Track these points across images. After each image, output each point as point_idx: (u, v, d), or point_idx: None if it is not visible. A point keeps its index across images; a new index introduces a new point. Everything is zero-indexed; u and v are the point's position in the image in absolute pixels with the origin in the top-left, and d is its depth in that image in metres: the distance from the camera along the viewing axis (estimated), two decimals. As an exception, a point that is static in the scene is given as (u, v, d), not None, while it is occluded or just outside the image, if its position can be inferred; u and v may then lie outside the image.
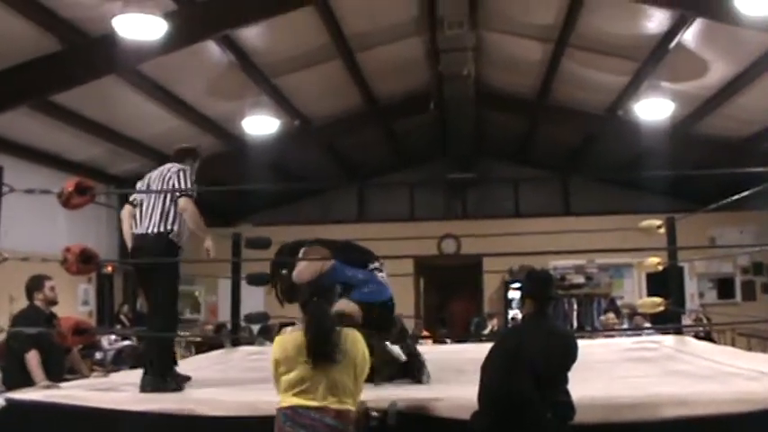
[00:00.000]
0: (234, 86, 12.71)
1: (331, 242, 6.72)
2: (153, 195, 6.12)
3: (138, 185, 6.36)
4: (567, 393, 4.33)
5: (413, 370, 6.26)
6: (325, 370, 4.30)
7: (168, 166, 6.32)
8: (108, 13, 9.15)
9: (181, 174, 6.16)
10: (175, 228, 6.06)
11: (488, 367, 4.48)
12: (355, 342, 4.47)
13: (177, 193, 6.05)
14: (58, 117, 11.88)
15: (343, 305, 6.11)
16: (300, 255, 6.52)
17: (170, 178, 6.14)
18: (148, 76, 11.61)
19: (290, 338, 4.44)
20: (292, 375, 4.33)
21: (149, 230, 6.03)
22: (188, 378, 6.15)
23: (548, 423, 4.21)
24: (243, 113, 13.33)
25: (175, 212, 6.06)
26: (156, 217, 6.03)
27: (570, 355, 4.42)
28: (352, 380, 4.37)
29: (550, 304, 4.75)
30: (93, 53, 10.31)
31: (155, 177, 6.25)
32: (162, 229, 6.01)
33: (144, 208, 6.13)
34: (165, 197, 6.09)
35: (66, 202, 5.96)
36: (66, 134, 12.55)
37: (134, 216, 6.21)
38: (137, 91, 11.79)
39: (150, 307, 6.33)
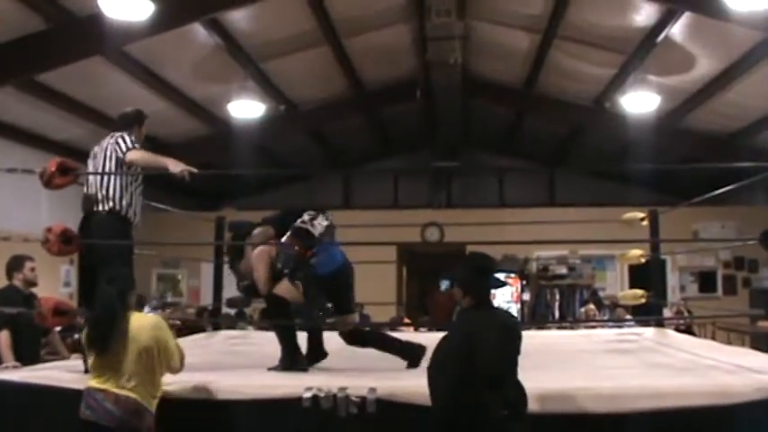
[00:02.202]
0: (220, 70, 12.67)
1: (275, 218, 6.47)
2: (99, 170, 5.84)
3: (89, 162, 6.06)
4: (518, 385, 4.15)
5: (412, 355, 6.17)
6: (111, 355, 4.43)
7: (108, 137, 6.00)
8: (94, -8, 9.09)
9: (119, 140, 5.86)
10: (124, 203, 5.79)
11: (437, 371, 4.21)
12: (143, 329, 4.53)
13: (122, 156, 5.79)
14: (43, 96, 11.79)
15: (280, 288, 6.07)
16: (251, 238, 6.33)
17: (110, 152, 5.85)
18: (134, 57, 11.55)
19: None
20: (91, 360, 4.55)
21: (99, 208, 5.78)
22: None
23: (500, 423, 4.00)
24: (229, 97, 13.28)
25: (126, 185, 5.80)
26: (106, 192, 5.78)
27: (520, 345, 4.22)
28: (140, 367, 4.46)
29: (491, 293, 4.41)
30: (79, 33, 10.22)
31: (98, 152, 5.95)
32: (112, 206, 5.76)
33: (90, 184, 5.88)
34: (110, 169, 5.80)
35: (48, 182, 5.88)
36: (51, 114, 12.46)
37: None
38: (122, 72, 11.71)
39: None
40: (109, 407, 4.38)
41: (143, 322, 4.57)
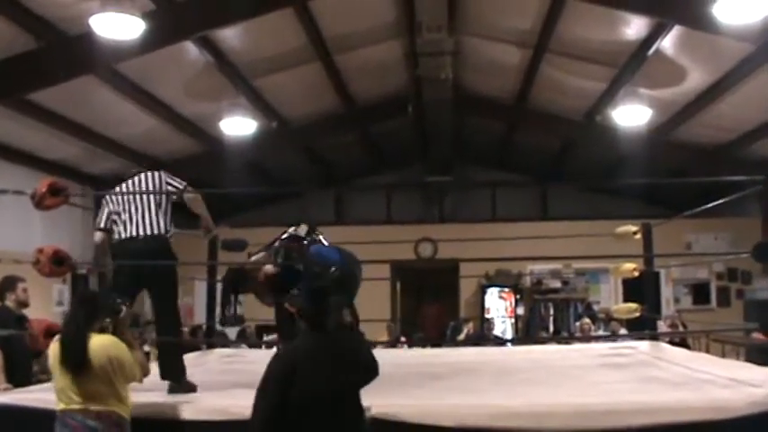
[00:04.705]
0: (212, 87, 12.65)
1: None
2: (143, 200, 6.02)
3: (120, 197, 6.17)
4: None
5: None
6: (78, 377, 4.50)
7: (148, 174, 6.23)
8: (85, 11, 9.07)
9: (169, 179, 6.24)
10: (171, 229, 6.07)
11: (259, 394, 3.94)
12: (100, 348, 4.57)
13: (180, 189, 6.17)
14: (35, 116, 11.75)
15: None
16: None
17: (165, 181, 6.17)
18: (126, 75, 11.53)
19: (54, 347, 4.70)
20: (59, 382, 4.58)
21: (151, 232, 5.92)
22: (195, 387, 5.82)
23: None
24: (220, 114, 13.27)
25: (171, 213, 6.08)
26: (157, 219, 5.97)
27: (363, 377, 3.96)
28: (106, 384, 4.53)
29: (327, 317, 3.95)
30: (70, 52, 10.21)
31: (139, 188, 6.12)
32: (164, 231, 5.99)
33: (133, 213, 5.97)
34: (158, 201, 6.04)
35: (39, 203, 5.88)
36: (43, 133, 12.43)
37: (121, 222, 6.00)
38: (114, 90, 11.69)
39: (160, 313, 6.11)
40: (92, 424, 4.44)
41: (96, 342, 4.58)
